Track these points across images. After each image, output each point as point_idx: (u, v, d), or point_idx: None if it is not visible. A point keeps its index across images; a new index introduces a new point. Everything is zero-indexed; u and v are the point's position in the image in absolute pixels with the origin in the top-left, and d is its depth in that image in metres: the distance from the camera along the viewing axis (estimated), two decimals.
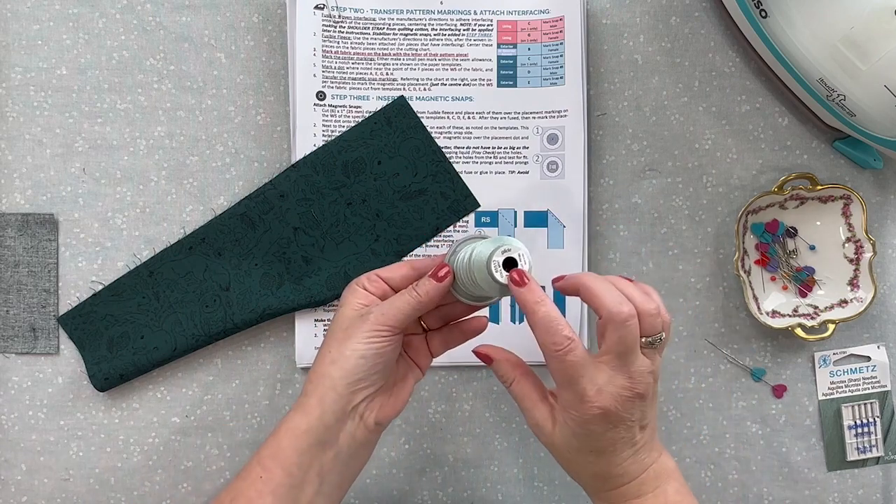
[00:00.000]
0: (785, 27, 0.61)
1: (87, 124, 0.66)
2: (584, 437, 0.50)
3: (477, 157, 0.67)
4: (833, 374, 0.68)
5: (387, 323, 0.51)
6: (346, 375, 0.50)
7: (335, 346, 0.51)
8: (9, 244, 0.66)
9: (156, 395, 0.67)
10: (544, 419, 0.52)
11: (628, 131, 0.68)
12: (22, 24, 0.66)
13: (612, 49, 0.68)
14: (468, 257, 0.51)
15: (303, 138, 0.66)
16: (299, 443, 0.51)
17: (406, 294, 0.52)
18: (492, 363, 0.55)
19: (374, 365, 0.51)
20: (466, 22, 0.66)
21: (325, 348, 0.52)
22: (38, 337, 0.66)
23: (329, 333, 0.52)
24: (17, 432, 0.66)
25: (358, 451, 0.53)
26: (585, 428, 0.49)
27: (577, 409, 0.49)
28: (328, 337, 0.52)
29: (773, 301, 0.68)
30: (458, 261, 0.52)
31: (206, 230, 0.66)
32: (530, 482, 0.68)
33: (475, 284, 0.50)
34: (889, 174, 0.69)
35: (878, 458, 0.69)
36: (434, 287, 0.51)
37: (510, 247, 0.49)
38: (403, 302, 0.51)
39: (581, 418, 0.49)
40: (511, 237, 0.50)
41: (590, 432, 0.49)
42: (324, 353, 0.52)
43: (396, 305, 0.51)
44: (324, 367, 0.51)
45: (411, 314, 0.51)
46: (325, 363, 0.51)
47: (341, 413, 0.51)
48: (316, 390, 0.51)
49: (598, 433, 0.49)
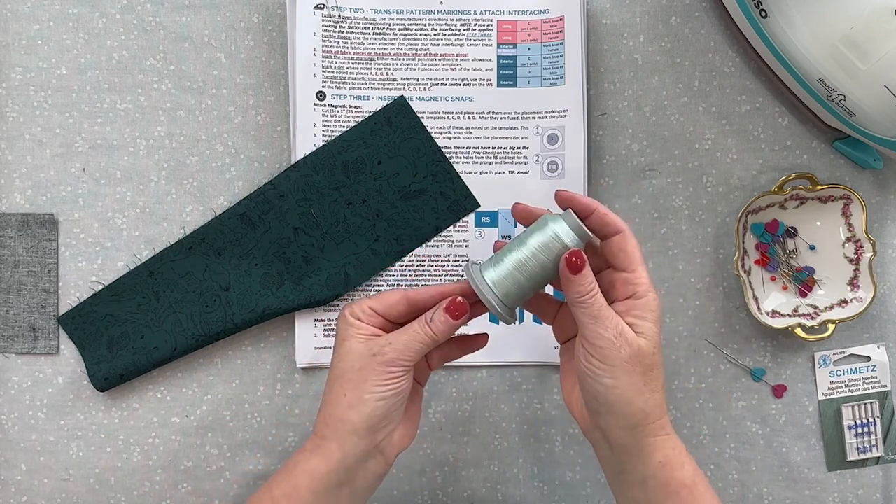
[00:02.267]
0: (785, 27, 0.61)
1: (87, 124, 0.66)
2: (657, 331, 0.51)
3: (477, 157, 0.67)
4: (833, 374, 0.68)
5: (402, 363, 0.50)
6: (366, 419, 0.50)
7: (350, 389, 0.50)
8: (9, 244, 0.66)
9: (156, 395, 0.67)
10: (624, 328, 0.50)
11: (628, 131, 0.68)
12: (22, 24, 0.66)
13: (612, 49, 0.68)
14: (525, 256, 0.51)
15: (303, 138, 0.66)
16: (317, 485, 0.51)
17: (420, 331, 0.51)
18: (584, 266, 0.51)
19: (394, 404, 0.51)
20: (466, 22, 0.66)
21: (339, 390, 0.51)
22: (38, 337, 0.66)
23: (338, 372, 0.51)
24: (17, 432, 0.66)
25: (374, 482, 0.53)
26: (657, 312, 0.51)
27: (653, 292, 0.50)
28: (339, 377, 0.51)
29: (773, 301, 0.68)
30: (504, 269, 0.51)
31: (206, 230, 0.66)
32: (530, 482, 0.68)
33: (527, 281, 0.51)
34: (889, 174, 0.69)
35: (878, 458, 0.69)
36: (450, 325, 0.51)
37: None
38: (418, 340, 0.51)
39: (653, 302, 0.50)
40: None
41: (657, 318, 0.51)
42: (338, 395, 0.51)
43: (411, 346, 0.51)
44: (342, 412, 0.50)
45: (425, 351, 0.51)
46: (343, 408, 0.50)
47: (363, 455, 0.51)
48: (335, 435, 0.51)
49: (659, 320, 0.51)
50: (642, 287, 0.50)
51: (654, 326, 0.50)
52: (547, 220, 0.51)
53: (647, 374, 0.50)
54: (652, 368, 0.50)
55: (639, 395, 0.50)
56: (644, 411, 0.50)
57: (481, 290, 0.50)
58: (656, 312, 0.51)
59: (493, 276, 0.51)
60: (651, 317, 0.50)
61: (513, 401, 0.68)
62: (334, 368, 0.52)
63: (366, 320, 0.52)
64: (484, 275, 0.51)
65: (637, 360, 0.49)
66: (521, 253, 0.51)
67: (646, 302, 0.50)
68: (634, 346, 0.49)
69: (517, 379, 0.68)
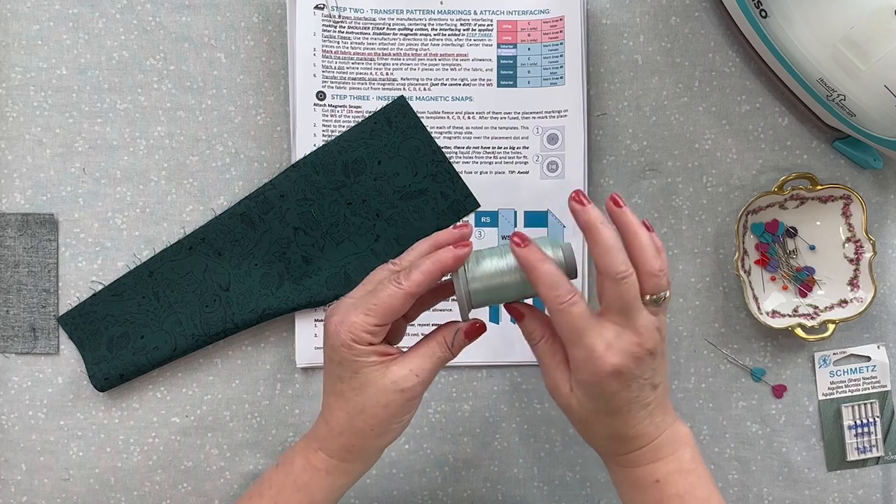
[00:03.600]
0: (785, 27, 0.61)
1: (87, 124, 0.66)
2: (599, 398, 0.49)
3: (477, 157, 0.67)
4: (833, 374, 0.68)
5: (426, 387, 0.51)
6: (393, 439, 0.52)
7: (377, 423, 0.50)
8: (9, 244, 0.66)
9: (156, 395, 0.67)
10: (562, 381, 0.51)
11: (628, 131, 0.68)
12: (22, 24, 0.66)
13: (612, 49, 0.68)
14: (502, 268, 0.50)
15: (303, 138, 0.66)
16: (335, 495, 0.53)
17: (442, 356, 0.51)
18: (523, 319, 0.53)
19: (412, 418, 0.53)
20: (466, 22, 0.66)
21: (364, 424, 0.50)
22: (38, 337, 0.66)
23: (359, 407, 0.50)
24: (17, 432, 0.66)
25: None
26: (599, 387, 0.48)
27: (589, 367, 0.48)
28: (362, 412, 0.50)
29: (773, 301, 0.68)
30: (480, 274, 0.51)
31: (206, 230, 0.66)
32: (530, 482, 0.68)
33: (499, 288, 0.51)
34: (889, 174, 0.69)
35: (878, 458, 0.69)
36: (466, 344, 0.52)
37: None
38: (439, 366, 0.51)
39: (594, 377, 0.48)
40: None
41: (603, 392, 0.49)
42: (363, 428, 0.50)
43: (434, 370, 0.51)
44: (369, 442, 0.51)
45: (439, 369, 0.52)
46: (370, 438, 0.51)
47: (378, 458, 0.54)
48: (361, 457, 0.52)
49: (611, 392, 0.49)
50: (572, 365, 0.49)
51: (585, 397, 0.49)
52: (548, 243, 0.51)
53: (584, 424, 0.51)
54: (587, 422, 0.51)
55: (582, 433, 0.52)
56: (592, 445, 0.53)
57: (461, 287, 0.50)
58: (591, 387, 0.49)
59: (475, 274, 0.50)
60: (583, 388, 0.49)
61: (513, 401, 0.68)
62: (351, 401, 0.50)
63: (375, 341, 0.50)
64: (468, 273, 0.50)
65: (568, 410, 0.51)
66: (510, 259, 0.50)
67: (577, 378, 0.49)
68: (564, 401, 0.51)
69: (517, 379, 0.68)
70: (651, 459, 0.51)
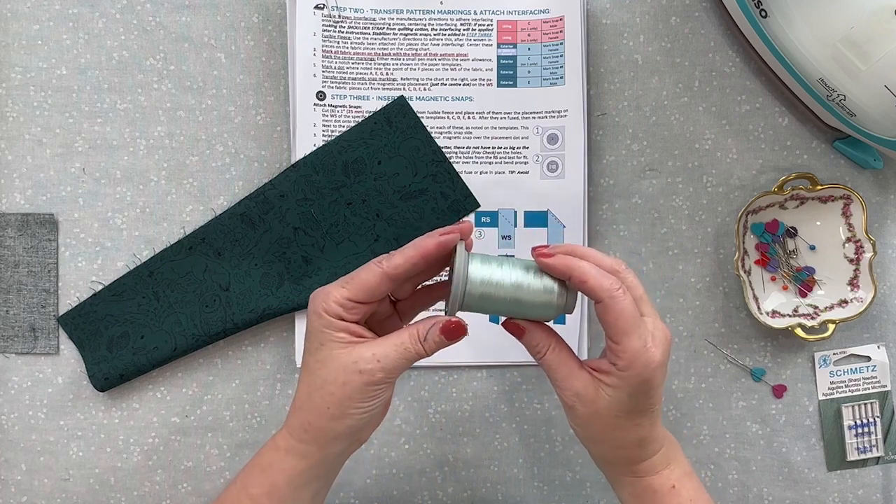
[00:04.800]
0: (785, 27, 0.61)
1: (87, 124, 0.66)
2: (643, 394, 0.48)
3: (477, 157, 0.67)
4: (833, 374, 0.68)
5: (388, 380, 0.48)
6: (349, 429, 0.49)
7: (334, 403, 0.48)
8: (9, 244, 0.66)
9: (156, 395, 0.67)
10: (585, 386, 0.49)
11: (628, 131, 0.68)
12: (22, 24, 0.66)
13: (612, 49, 0.68)
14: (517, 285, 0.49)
15: (303, 138, 0.66)
16: (296, 481, 0.50)
17: (411, 349, 0.48)
18: (524, 334, 0.51)
19: (377, 413, 0.50)
20: (466, 22, 0.66)
21: (321, 401, 0.48)
22: (38, 337, 0.66)
23: (319, 382, 0.48)
24: (17, 432, 0.66)
25: (345, 460, 0.53)
26: (647, 382, 0.48)
27: (643, 358, 0.47)
28: (321, 387, 0.48)
29: (773, 301, 0.68)
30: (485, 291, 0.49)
31: (205, 230, 0.66)
32: (530, 482, 0.68)
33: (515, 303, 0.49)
34: (889, 174, 0.69)
35: (878, 458, 0.69)
36: (444, 345, 0.49)
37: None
38: (407, 358, 0.48)
39: (646, 370, 0.47)
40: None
41: (650, 386, 0.48)
42: (319, 406, 0.48)
43: (400, 364, 0.48)
44: (324, 423, 0.48)
45: (411, 364, 0.49)
46: (325, 419, 0.48)
47: (343, 451, 0.50)
48: (317, 440, 0.49)
49: (655, 386, 0.48)
50: (623, 361, 0.47)
51: (626, 396, 0.48)
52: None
53: (610, 432, 0.50)
54: (615, 428, 0.50)
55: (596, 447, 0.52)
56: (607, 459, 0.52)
57: (459, 281, 0.48)
58: (637, 385, 0.48)
59: (475, 275, 0.48)
60: (626, 388, 0.48)
61: (513, 401, 0.68)
62: (313, 374, 0.48)
63: (347, 317, 0.48)
64: (469, 267, 0.49)
65: (594, 418, 0.49)
66: (514, 275, 0.49)
67: (624, 375, 0.48)
68: (591, 407, 0.49)
69: (517, 379, 0.68)
70: (665, 464, 0.52)
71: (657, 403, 0.50)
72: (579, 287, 0.48)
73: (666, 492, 0.51)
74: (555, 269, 0.48)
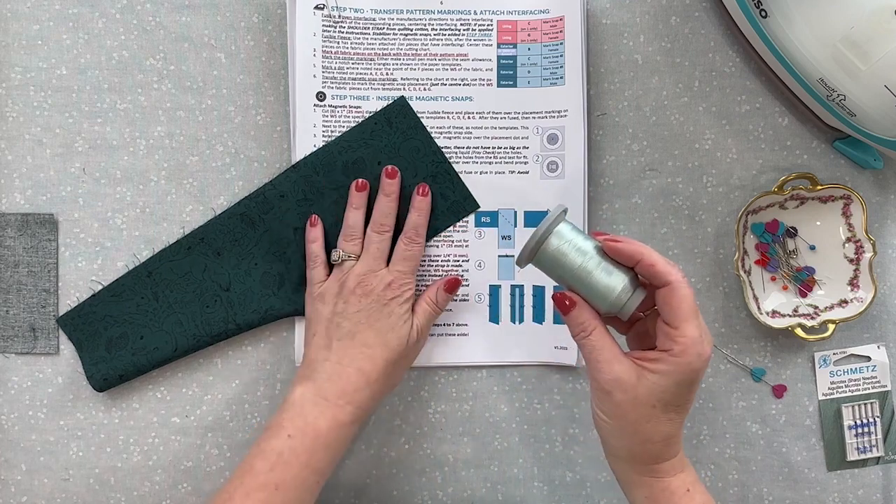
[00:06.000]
0: (785, 27, 0.61)
1: (87, 124, 0.66)
2: (687, 387, 0.49)
3: (477, 157, 0.67)
4: (833, 374, 0.68)
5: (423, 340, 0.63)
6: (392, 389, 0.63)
7: (396, 371, 0.61)
8: (9, 244, 0.66)
9: (156, 395, 0.67)
10: (626, 371, 0.50)
11: (628, 131, 0.68)
12: (22, 24, 0.66)
13: (612, 49, 0.68)
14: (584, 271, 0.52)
15: (303, 138, 0.66)
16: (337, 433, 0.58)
17: (431, 312, 0.63)
18: (574, 308, 0.52)
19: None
20: (466, 22, 0.66)
21: (384, 380, 0.60)
22: (38, 337, 0.66)
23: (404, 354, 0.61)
24: (17, 432, 0.66)
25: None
26: (694, 374, 0.49)
27: (696, 348, 0.48)
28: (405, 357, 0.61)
29: (773, 301, 0.68)
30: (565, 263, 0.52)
31: (204, 230, 0.66)
32: (530, 482, 0.68)
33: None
34: (889, 174, 0.69)
35: (878, 459, 0.69)
36: (448, 298, 0.64)
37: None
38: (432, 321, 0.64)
39: (697, 361, 0.49)
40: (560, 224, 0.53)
41: (695, 379, 0.49)
42: (375, 389, 0.59)
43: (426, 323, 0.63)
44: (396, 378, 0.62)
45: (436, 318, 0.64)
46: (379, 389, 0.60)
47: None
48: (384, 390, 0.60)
49: (697, 381, 0.50)
50: (679, 346, 0.49)
51: (672, 385, 0.49)
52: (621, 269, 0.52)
53: (642, 423, 0.50)
54: (648, 420, 0.50)
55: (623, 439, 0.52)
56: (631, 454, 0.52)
57: (541, 231, 0.52)
58: (686, 374, 0.49)
59: (559, 232, 0.52)
60: (674, 376, 0.49)
61: (513, 401, 0.68)
62: (403, 353, 0.60)
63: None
64: (560, 226, 0.52)
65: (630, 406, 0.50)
66: (591, 252, 0.52)
67: (677, 362, 0.49)
68: (630, 394, 0.50)
69: (517, 379, 0.68)
70: (681, 468, 0.53)
71: (691, 402, 0.51)
72: (647, 270, 0.50)
73: (682, 494, 0.52)
74: (623, 253, 0.50)
